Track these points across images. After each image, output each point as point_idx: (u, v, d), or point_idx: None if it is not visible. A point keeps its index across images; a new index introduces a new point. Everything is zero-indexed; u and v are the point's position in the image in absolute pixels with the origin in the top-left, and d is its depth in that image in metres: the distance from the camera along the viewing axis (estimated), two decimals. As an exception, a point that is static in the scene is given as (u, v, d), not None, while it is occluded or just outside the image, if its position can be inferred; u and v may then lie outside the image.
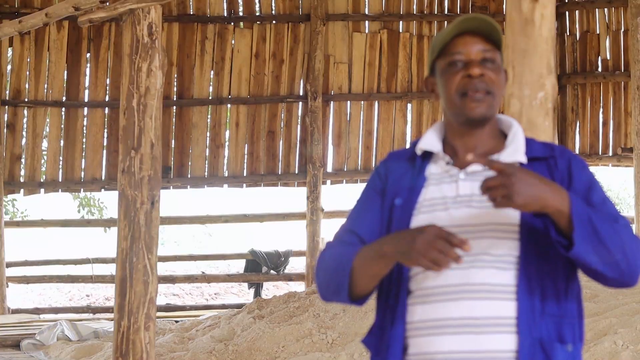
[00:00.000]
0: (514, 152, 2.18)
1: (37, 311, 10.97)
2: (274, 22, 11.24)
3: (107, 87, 10.93)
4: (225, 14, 11.18)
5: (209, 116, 11.17)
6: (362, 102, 11.35)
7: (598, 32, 11.27)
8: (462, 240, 1.96)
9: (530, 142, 2.22)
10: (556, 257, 2.08)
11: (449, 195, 2.16)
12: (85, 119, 10.92)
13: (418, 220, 2.15)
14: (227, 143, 11.22)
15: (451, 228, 2.06)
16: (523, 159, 2.17)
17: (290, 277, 11.92)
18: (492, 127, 2.22)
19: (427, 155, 2.25)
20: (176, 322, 9.24)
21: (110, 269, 11.53)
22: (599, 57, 11.30)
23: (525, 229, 2.09)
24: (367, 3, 11.39)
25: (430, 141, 2.24)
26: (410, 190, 2.20)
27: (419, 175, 2.22)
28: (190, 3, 11.10)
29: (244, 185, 11.41)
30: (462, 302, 2.08)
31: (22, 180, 10.82)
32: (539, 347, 2.05)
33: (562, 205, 2.00)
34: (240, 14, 11.28)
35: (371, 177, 2.30)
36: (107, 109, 10.92)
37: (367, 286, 2.15)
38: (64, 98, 10.87)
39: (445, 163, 2.21)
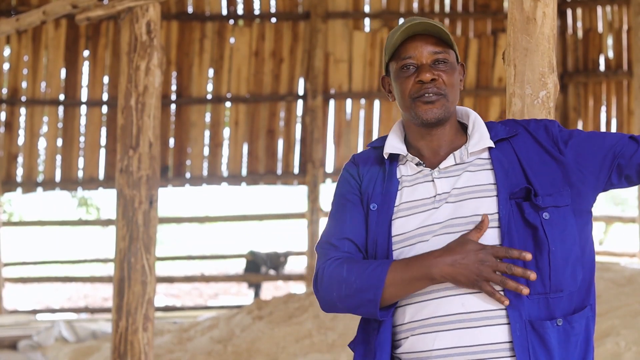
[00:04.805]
0: (480, 140, 2.24)
1: (34, 312, 10.91)
2: (273, 20, 11.18)
3: (105, 86, 10.87)
4: (224, 12, 11.12)
5: (208, 115, 11.11)
6: (363, 100, 11.29)
7: (600, 31, 11.22)
8: (520, 252, 2.01)
9: (493, 126, 2.28)
10: (537, 237, 2.14)
11: (428, 196, 2.21)
12: (83, 117, 10.85)
13: (398, 224, 2.20)
14: (226, 142, 11.16)
15: (434, 226, 2.15)
16: (490, 143, 2.23)
17: (289, 278, 11.86)
18: (451, 123, 2.28)
19: (394, 158, 2.31)
20: (175, 323, 9.19)
21: (108, 269, 11.50)
22: (602, 56, 11.24)
23: (504, 217, 2.14)
24: (367, 1, 11.33)
25: (395, 144, 2.31)
26: (384, 194, 2.24)
27: (390, 178, 2.26)
28: (189, 1, 11.04)
29: (243, 184, 11.36)
30: (452, 299, 2.12)
31: (19, 179, 10.76)
32: (531, 329, 2.10)
33: None
34: (240, 12, 11.22)
35: (344, 182, 2.32)
36: (105, 107, 10.86)
37: (395, 300, 2.17)
38: (62, 97, 10.82)
39: (415, 164, 2.26)
